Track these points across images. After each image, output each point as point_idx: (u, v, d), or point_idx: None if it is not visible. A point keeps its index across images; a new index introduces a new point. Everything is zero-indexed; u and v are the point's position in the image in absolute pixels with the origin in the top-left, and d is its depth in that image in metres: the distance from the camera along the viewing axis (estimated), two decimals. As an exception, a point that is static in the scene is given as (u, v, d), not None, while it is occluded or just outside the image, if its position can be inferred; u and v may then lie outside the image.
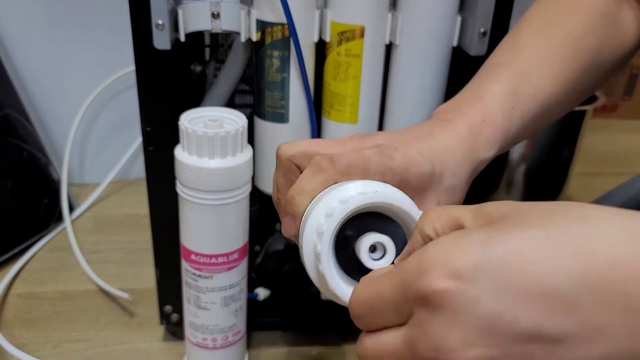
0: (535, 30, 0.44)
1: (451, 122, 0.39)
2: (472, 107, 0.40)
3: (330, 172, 0.34)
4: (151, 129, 0.55)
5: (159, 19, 0.50)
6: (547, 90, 0.42)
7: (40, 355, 0.65)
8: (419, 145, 0.37)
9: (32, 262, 0.82)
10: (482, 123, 0.38)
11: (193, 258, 0.53)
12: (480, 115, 0.39)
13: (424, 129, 0.39)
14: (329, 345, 0.70)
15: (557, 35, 0.43)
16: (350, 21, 0.52)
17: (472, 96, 0.41)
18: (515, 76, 0.41)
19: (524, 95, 0.41)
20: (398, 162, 0.35)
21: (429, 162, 0.36)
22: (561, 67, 0.42)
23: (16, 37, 0.90)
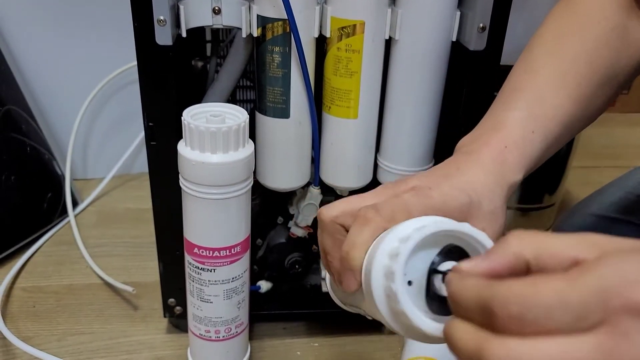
0: (547, 50, 0.44)
1: (474, 154, 0.40)
2: (493, 136, 0.40)
3: (377, 221, 0.34)
4: (154, 124, 0.56)
5: (160, 15, 0.51)
6: (566, 108, 0.42)
7: (45, 348, 0.66)
8: (451, 182, 0.38)
9: (36, 256, 0.83)
10: (505, 150, 0.39)
11: (196, 251, 0.54)
12: (503, 143, 0.40)
13: (450, 166, 0.40)
14: (331, 336, 0.71)
15: (570, 53, 0.43)
16: (350, 16, 0.53)
17: (492, 125, 0.42)
18: (532, 100, 0.42)
19: (542, 117, 0.41)
20: (436, 200, 0.36)
21: (465, 193, 0.37)
22: (577, 84, 0.43)
23: (19, 33, 0.91)
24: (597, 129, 1.31)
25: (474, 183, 0.38)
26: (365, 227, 0.35)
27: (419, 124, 0.58)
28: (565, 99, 0.42)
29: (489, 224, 0.37)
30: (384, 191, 0.39)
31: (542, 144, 0.41)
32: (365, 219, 0.35)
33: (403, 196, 0.36)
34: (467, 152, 0.40)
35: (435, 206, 0.36)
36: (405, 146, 0.60)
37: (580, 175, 1.06)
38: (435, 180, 0.38)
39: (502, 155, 0.39)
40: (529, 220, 0.93)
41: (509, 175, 0.39)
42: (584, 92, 0.43)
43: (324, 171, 0.62)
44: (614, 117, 1.41)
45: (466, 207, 0.37)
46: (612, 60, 0.44)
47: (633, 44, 0.45)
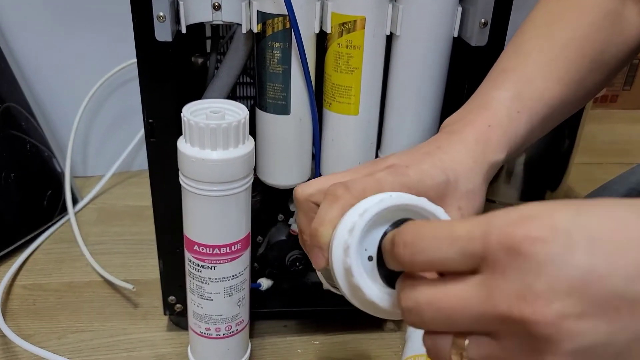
0: (538, 34, 0.44)
1: (458, 133, 0.40)
2: (478, 115, 0.40)
3: (346, 198, 0.35)
4: (153, 121, 0.56)
5: (160, 11, 0.50)
6: (554, 91, 0.42)
7: (45, 346, 0.66)
8: (430, 160, 0.38)
9: (36, 253, 0.83)
10: (489, 129, 0.39)
11: (196, 249, 0.53)
12: (487, 122, 0.40)
13: (432, 144, 0.40)
14: (332, 334, 0.71)
15: (561, 37, 0.43)
16: (350, 12, 0.53)
17: (477, 104, 0.42)
18: (520, 80, 0.42)
19: (529, 98, 0.41)
20: (412, 178, 0.36)
21: (442, 172, 0.37)
22: (566, 67, 0.42)
23: (18, 30, 0.90)
24: (600, 125, 1.31)
25: (453, 162, 0.38)
26: (334, 204, 0.35)
27: (420, 120, 0.58)
28: (553, 82, 0.42)
29: (465, 203, 0.37)
30: (361, 169, 0.39)
31: (527, 125, 0.41)
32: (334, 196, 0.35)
33: (377, 174, 0.36)
34: (450, 132, 0.40)
35: (410, 184, 0.36)
36: (406, 142, 0.59)
37: (582, 171, 1.06)
38: (414, 158, 0.38)
39: (485, 135, 0.39)
40: (530, 217, 0.92)
41: (490, 154, 0.39)
42: (573, 77, 0.43)
43: (324, 168, 0.62)
44: (617, 113, 1.40)
45: (442, 185, 0.37)
46: (603, 47, 0.44)
47: (625, 31, 0.45)
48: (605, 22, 0.44)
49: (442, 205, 0.36)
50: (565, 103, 0.43)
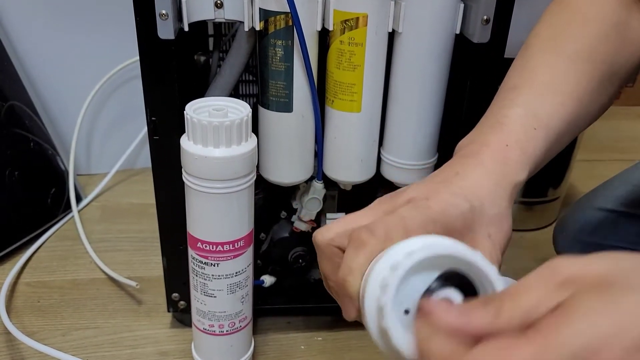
0: (544, 48, 0.43)
1: (474, 156, 0.38)
2: (493, 135, 0.39)
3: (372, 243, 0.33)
4: (156, 119, 0.56)
5: (162, 9, 0.51)
6: (567, 106, 0.41)
7: (49, 343, 0.66)
8: (450, 188, 0.36)
9: (40, 251, 0.84)
10: (506, 149, 0.38)
11: (199, 246, 0.54)
12: (503, 142, 0.38)
13: (448, 171, 0.38)
14: (334, 330, 0.71)
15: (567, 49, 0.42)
16: (353, 9, 0.53)
17: (490, 124, 0.40)
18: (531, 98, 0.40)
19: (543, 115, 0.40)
20: (435, 210, 0.34)
21: (465, 200, 0.35)
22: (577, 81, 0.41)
23: (22, 29, 0.91)
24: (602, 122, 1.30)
25: (474, 187, 0.36)
26: (360, 250, 0.33)
27: (423, 117, 0.58)
28: (565, 96, 0.41)
29: (494, 229, 0.36)
30: (380, 207, 0.37)
31: (545, 142, 0.39)
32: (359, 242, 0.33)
33: (399, 211, 0.34)
34: (466, 155, 0.39)
35: (434, 217, 0.34)
36: (408, 139, 0.59)
37: (584, 168, 1.06)
38: (433, 188, 0.36)
39: (504, 155, 0.37)
40: (533, 214, 0.92)
41: (511, 175, 0.37)
42: (584, 89, 0.42)
43: (327, 165, 0.62)
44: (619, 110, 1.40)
45: (468, 214, 0.35)
46: (612, 57, 0.43)
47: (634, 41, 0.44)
48: (612, 33, 0.43)
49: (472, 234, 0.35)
50: (579, 117, 0.42)
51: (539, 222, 0.94)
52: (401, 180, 0.62)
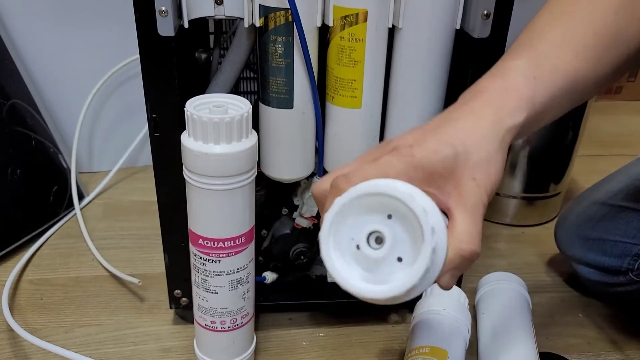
0: (553, 17, 0.43)
1: (470, 102, 0.38)
2: (492, 83, 0.39)
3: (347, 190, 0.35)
4: (157, 116, 0.56)
5: (162, 6, 0.51)
6: (572, 63, 0.40)
7: (53, 340, 0.66)
8: (436, 136, 0.36)
9: (43, 248, 0.84)
10: (503, 94, 0.38)
11: (201, 243, 0.54)
12: (502, 87, 0.38)
13: (440, 119, 0.39)
14: (336, 326, 0.71)
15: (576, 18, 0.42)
16: (353, 5, 0.53)
17: (492, 73, 0.40)
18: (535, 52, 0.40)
19: (547, 69, 0.39)
20: (417, 158, 0.35)
21: (449, 145, 0.36)
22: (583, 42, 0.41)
23: (23, 27, 0.91)
24: (603, 117, 1.31)
25: (462, 132, 0.36)
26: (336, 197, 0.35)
27: (423, 112, 0.58)
28: (570, 55, 0.40)
29: (480, 173, 0.36)
30: (368, 156, 0.39)
31: (546, 92, 0.39)
32: (336, 190, 0.36)
33: (381, 160, 0.36)
34: (462, 102, 0.39)
35: (416, 164, 0.35)
36: (409, 135, 0.60)
37: (586, 163, 1.06)
38: (420, 136, 0.37)
39: (499, 100, 0.37)
40: (534, 209, 0.92)
41: (506, 118, 0.37)
42: (590, 53, 0.41)
43: (328, 161, 0.62)
44: (620, 104, 1.40)
45: (451, 159, 0.36)
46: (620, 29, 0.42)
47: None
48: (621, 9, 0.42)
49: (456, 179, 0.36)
50: (584, 79, 0.41)
51: (541, 217, 0.94)
52: (402, 176, 0.62)
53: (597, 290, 0.76)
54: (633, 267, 0.69)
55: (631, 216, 0.70)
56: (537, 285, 0.78)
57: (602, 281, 0.72)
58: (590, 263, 0.73)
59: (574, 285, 0.79)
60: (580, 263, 0.74)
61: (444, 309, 0.63)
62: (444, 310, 0.63)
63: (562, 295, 0.78)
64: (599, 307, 0.76)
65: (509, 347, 0.61)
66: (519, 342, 0.61)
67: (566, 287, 0.80)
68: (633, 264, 0.69)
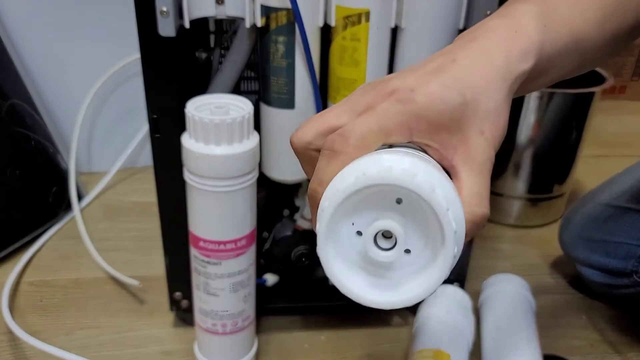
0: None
1: (478, 40, 0.34)
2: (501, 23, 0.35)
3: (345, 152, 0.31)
4: (157, 117, 0.55)
5: (163, 6, 0.50)
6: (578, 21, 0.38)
7: (53, 342, 0.66)
8: (442, 78, 0.32)
9: (42, 250, 0.83)
10: (514, 35, 0.34)
11: (202, 245, 0.53)
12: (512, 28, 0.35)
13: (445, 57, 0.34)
14: (338, 329, 0.71)
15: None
16: (355, 5, 0.52)
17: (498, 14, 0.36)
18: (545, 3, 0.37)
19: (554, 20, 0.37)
20: (420, 105, 0.31)
21: (458, 92, 0.32)
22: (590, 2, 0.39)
23: (22, 27, 0.90)
24: (607, 117, 1.30)
25: (471, 78, 0.32)
26: (332, 160, 0.31)
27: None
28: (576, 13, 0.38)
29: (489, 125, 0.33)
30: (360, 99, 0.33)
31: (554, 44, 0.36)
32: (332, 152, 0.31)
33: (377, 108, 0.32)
34: (469, 39, 0.35)
35: (418, 112, 0.31)
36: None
37: (590, 164, 1.05)
38: (422, 77, 0.32)
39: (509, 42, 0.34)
40: (538, 210, 0.92)
41: (514, 64, 0.34)
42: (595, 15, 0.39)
43: (330, 162, 0.62)
44: (624, 104, 1.39)
45: (458, 109, 0.32)
46: None
47: None
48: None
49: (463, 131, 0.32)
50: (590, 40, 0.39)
51: (545, 218, 0.93)
52: (405, 177, 0.62)
53: (601, 292, 0.75)
54: (637, 269, 0.68)
55: (635, 218, 0.69)
56: (540, 287, 0.77)
57: (606, 283, 0.72)
58: (594, 265, 0.72)
59: (578, 287, 0.79)
60: (584, 265, 0.73)
61: (447, 312, 0.63)
62: (447, 313, 0.62)
63: (565, 297, 0.78)
64: (602, 309, 0.75)
65: (513, 350, 0.60)
66: (523, 344, 0.61)
67: (570, 288, 0.79)
68: (637, 265, 0.68)
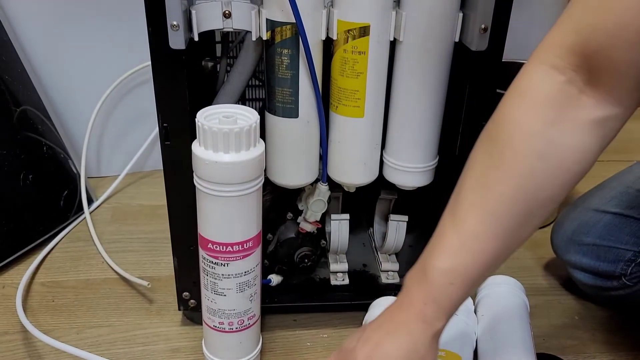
0: (474, 186, 0.45)
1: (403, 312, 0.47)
2: (416, 292, 0.46)
3: None
4: (168, 125, 0.58)
5: (173, 20, 0.53)
6: (489, 250, 0.44)
7: (65, 340, 0.68)
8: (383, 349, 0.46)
9: (54, 252, 0.86)
10: (425, 307, 0.46)
11: (210, 247, 0.56)
12: (422, 301, 0.46)
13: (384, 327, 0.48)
14: (339, 328, 0.73)
15: (494, 191, 0.44)
16: (356, 19, 0.55)
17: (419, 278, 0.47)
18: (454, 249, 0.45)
19: (463, 267, 0.45)
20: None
21: None
22: (503, 222, 0.44)
23: (33, 34, 0.93)
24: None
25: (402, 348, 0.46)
26: None
27: (423, 122, 0.60)
28: (489, 240, 0.44)
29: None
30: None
31: (461, 292, 0.46)
32: None
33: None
34: (398, 308, 0.48)
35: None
36: (410, 143, 0.62)
37: (584, 169, 1.07)
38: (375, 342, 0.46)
39: (423, 313, 0.46)
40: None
41: (428, 328, 0.46)
42: (509, 229, 0.44)
43: (331, 168, 0.64)
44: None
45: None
46: (539, 191, 0.43)
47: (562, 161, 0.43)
48: (539, 164, 0.42)
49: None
50: (500, 256, 0.45)
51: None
52: (403, 182, 0.64)
53: (592, 294, 0.78)
54: (626, 272, 0.71)
55: (624, 223, 0.72)
56: (534, 289, 0.80)
57: (597, 285, 0.74)
58: (585, 268, 0.74)
59: (570, 288, 0.81)
60: (575, 268, 0.76)
61: (456, 314, 0.64)
62: (456, 315, 0.64)
63: (558, 298, 0.80)
64: (594, 310, 0.78)
65: (508, 349, 0.62)
66: (518, 344, 0.63)
67: (562, 290, 0.81)
68: (626, 269, 0.71)
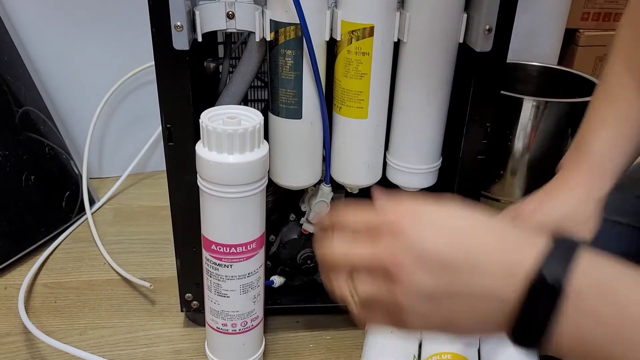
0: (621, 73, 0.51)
1: (566, 182, 0.50)
2: (581, 162, 0.50)
3: None
4: (171, 126, 0.58)
5: (177, 21, 0.53)
6: None
7: (67, 341, 0.68)
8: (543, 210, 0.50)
9: (56, 253, 0.86)
10: (592, 174, 0.49)
11: (214, 248, 0.56)
12: (588, 170, 0.49)
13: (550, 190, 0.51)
14: (342, 329, 0.73)
15: None
16: (360, 20, 0.55)
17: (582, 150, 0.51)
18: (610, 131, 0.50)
19: (622, 137, 0.49)
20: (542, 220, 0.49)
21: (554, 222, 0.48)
22: None
23: (35, 35, 0.93)
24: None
25: (563, 207, 0.49)
26: None
27: (427, 123, 0.60)
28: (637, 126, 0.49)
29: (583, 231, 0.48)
30: None
31: (625, 159, 0.50)
32: None
33: None
34: (562, 179, 0.51)
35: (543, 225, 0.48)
36: (413, 145, 0.61)
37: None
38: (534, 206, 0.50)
39: (588, 181, 0.49)
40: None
41: (594, 193, 0.48)
42: None
43: (334, 169, 0.64)
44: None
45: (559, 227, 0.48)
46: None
47: None
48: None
49: None
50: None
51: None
52: (406, 184, 0.64)
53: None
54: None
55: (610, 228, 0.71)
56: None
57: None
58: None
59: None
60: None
61: None
62: None
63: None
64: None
65: (511, 348, 0.62)
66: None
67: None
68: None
